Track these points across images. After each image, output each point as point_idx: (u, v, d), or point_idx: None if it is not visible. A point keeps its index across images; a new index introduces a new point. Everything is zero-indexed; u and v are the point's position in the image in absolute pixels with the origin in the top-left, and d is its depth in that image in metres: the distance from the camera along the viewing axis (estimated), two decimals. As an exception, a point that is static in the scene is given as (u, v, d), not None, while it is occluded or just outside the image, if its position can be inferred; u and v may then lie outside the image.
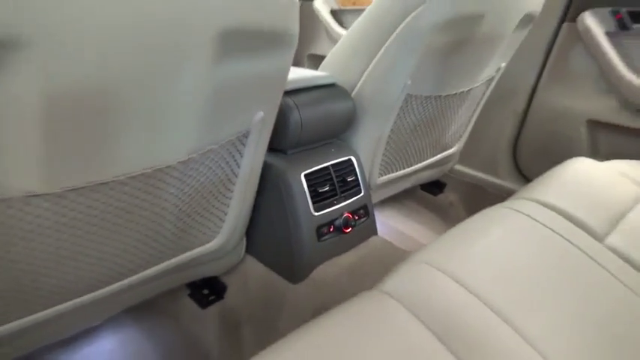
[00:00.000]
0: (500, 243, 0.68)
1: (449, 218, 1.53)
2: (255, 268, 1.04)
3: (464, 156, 1.54)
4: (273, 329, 0.95)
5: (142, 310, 1.04)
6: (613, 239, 0.79)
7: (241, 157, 0.78)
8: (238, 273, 1.06)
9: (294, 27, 0.66)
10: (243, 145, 0.77)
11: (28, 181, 0.57)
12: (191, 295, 1.07)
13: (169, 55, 0.54)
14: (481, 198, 1.51)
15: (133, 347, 0.98)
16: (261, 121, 0.75)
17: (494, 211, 0.79)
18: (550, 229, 0.75)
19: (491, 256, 0.64)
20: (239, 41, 0.60)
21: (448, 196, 1.61)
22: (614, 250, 0.76)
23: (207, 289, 1.07)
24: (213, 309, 1.04)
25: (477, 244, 0.67)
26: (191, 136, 0.66)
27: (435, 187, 1.63)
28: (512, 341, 0.51)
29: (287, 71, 0.72)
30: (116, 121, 0.56)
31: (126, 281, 0.79)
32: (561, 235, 0.74)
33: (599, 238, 0.78)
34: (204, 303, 1.05)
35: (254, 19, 0.60)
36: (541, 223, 0.76)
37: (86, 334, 0.99)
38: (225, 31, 0.58)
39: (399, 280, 0.56)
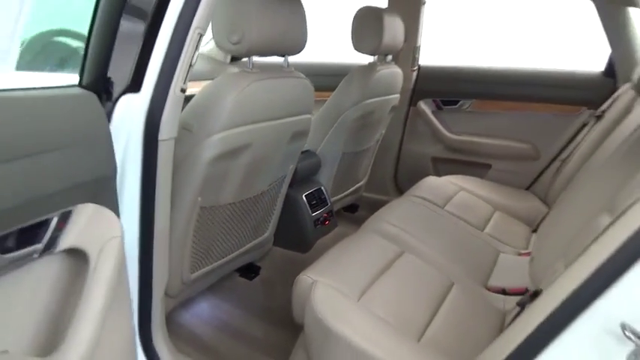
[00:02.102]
0: (358, 255, 1.39)
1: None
2: (276, 251, 1.88)
3: (370, 185, 2.53)
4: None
5: (216, 288, 1.78)
6: (448, 208, 1.82)
7: (282, 183, 1.66)
8: (266, 257, 1.89)
9: None
10: (284, 178, 1.66)
11: (228, 198, 1.40)
12: (241, 275, 1.86)
13: (281, 137, 1.43)
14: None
15: (220, 305, 1.74)
16: (291, 169, 1.66)
17: (360, 235, 1.56)
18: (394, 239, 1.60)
19: (357, 267, 1.30)
20: (299, 136, 1.52)
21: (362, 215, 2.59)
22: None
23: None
24: (257, 280, 1.85)
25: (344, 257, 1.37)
26: (272, 176, 1.54)
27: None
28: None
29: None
30: (257, 167, 1.43)
31: (235, 253, 1.60)
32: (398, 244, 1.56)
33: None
34: (251, 277, 1.85)
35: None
36: (387, 240, 1.51)
37: (193, 300, 1.72)
38: (294, 135, 1.48)
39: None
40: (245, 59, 1.32)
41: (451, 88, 2.45)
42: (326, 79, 2.12)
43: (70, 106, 0.71)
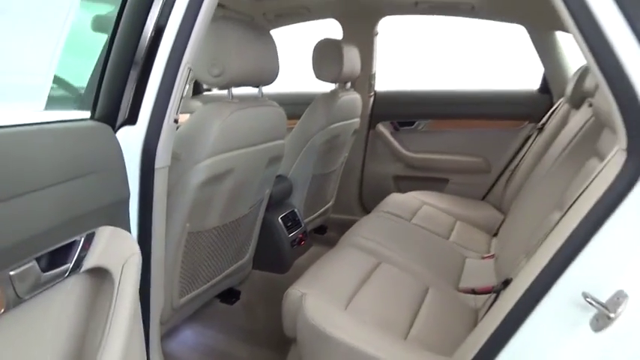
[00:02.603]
0: (340, 267, 1.49)
1: None
2: (254, 275, 1.94)
3: (337, 206, 2.64)
4: (279, 300, 1.84)
5: (199, 315, 1.81)
6: (414, 221, 1.96)
7: (260, 206, 1.74)
8: (246, 281, 1.94)
9: None
10: (261, 202, 1.74)
11: (213, 222, 1.46)
12: (222, 301, 1.90)
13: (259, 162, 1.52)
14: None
15: (204, 332, 1.77)
16: (267, 193, 1.74)
17: (339, 249, 1.66)
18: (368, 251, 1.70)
19: (340, 278, 1.40)
20: (275, 161, 1.62)
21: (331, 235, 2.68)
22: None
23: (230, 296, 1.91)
24: (238, 304, 1.89)
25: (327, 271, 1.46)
26: (252, 199, 1.62)
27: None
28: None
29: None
30: (239, 191, 1.51)
31: (218, 277, 1.65)
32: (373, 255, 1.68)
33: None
34: (232, 302, 1.89)
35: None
36: (365, 252, 1.63)
37: (178, 328, 1.74)
38: (270, 160, 1.58)
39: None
40: (212, 92, 1.41)
41: (406, 111, 2.64)
42: (291, 107, 2.24)
43: (88, 137, 0.77)
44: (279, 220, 1.92)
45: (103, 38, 1.01)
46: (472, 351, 0.92)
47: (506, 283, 1.09)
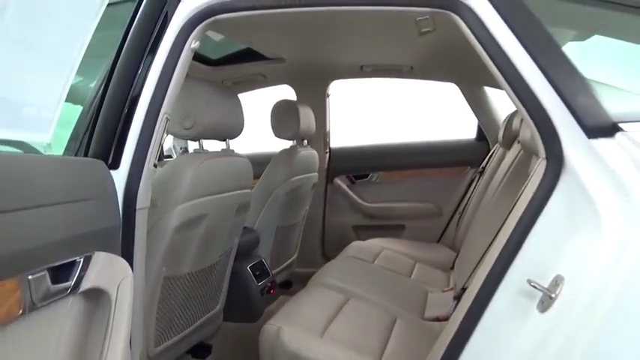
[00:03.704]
0: (311, 304, 1.60)
1: None
2: (226, 326, 1.95)
3: (301, 260, 2.70)
4: (252, 351, 1.85)
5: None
6: (377, 263, 2.07)
7: (230, 254, 1.80)
8: (217, 334, 1.94)
9: None
10: (230, 250, 1.80)
11: (187, 267, 1.51)
12: (193, 355, 1.88)
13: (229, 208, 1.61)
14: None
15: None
16: (236, 242, 1.81)
17: (309, 289, 1.75)
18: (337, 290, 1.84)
19: (313, 313, 1.51)
20: (243, 208, 1.71)
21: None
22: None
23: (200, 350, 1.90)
24: (210, 358, 1.88)
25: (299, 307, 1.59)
26: (222, 247, 1.68)
27: None
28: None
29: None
30: (210, 237, 1.58)
31: (192, 326, 1.66)
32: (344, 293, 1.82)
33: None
34: (204, 356, 1.88)
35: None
36: (334, 290, 1.77)
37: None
38: (239, 207, 1.67)
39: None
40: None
41: (360, 165, 2.83)
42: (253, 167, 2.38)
43: (86, 169, 0.86)
44: (248, 269, 1.97)
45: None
46: (438, 354, 1.01)
47: (464, 289, 1.21)
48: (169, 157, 3.21)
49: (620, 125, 0.87)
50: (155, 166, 1.19)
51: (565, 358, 0.84)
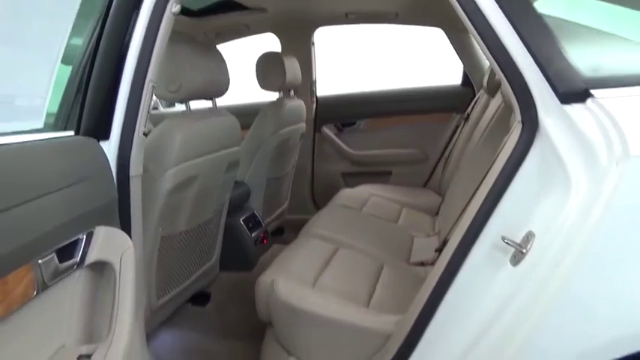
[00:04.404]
0: (303, 255, 1.67)
1: None
2: (222, 275, 2.05)
3: (292, 207, 2.79)
4: (249, 297, 1.96)
5: (174, 320, 1.89)
6: (365, 210, 2.15)
7: (222, 210, 1.87)
8: (214, 283, 2.04)
9: None
10: (223, 206, 1.86)
11: (182, 225, 1.57)
12: (194, 304, 1.99)
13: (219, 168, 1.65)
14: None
15: (181, 333, 1.86)
16: (227, 197, 1.87)
17: (300, 240, 1.85)
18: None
19: (304, 264, 1.61)
20: (233, 166, 1.75)
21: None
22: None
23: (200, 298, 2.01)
24: (210, 305, 2.00)
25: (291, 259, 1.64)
26: (215, 204, 1.74)
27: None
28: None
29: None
30: (203, 196, 1.63)
31: (190, 279, 1.75)
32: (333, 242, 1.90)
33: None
34: (204, 304, 1.99)
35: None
36: (324, 241, 1.86)
37: (155, 334, 1.82)
38: (229, 165, 1.71)
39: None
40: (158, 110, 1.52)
41: (347, 113, 2.85)
42: (241, 118, 2.38)
43: (77, 150, 0.89)
44: (241, 222, 2.05)
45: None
46: (418, 306, 1.10)
47: (445, 242, 1.29)
48: (155, 108, 3.20)
49: (591, 91, 0.91)
50: (145, 134, 1.22)
51: (532, 306, 0.92)
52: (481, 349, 1.00)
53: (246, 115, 2.40)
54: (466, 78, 2.63)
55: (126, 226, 1.18)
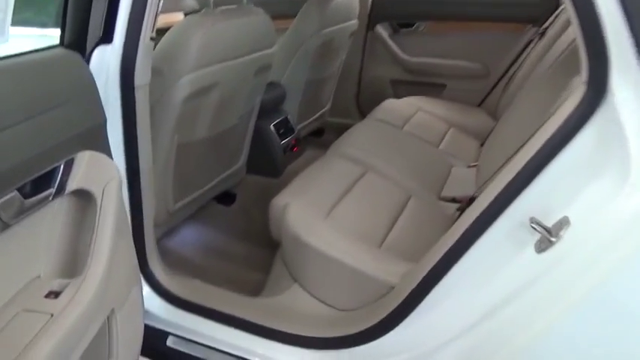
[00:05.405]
0: (325, 178, 1.55)
1: None
2: (250, 179, 2.02)
3: (334, 110, 2.64)
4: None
5: (198, 217, 1.92)
6: (406, 128, 1.98)
7: (251, 114, 1.76)
8: (240, 184, 2.02)
9: None
10: (252, 110, 1.75)
11: (202, 133, 1.50)
12: (219, 202, 2.00)
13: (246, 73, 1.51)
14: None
15: (203, 230, 1.89)
16: (257, 101, 1.75)
17: (326, 159, 1.70)
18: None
19: (324, 188, 1.47)
20: (263, 70, 1.60)
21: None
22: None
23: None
24: (234, 205, 2.00)
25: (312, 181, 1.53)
26: (241, 109, 1.63)
27: None
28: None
29: None
30: (226, 103, 1.51)
31: (212, 182, 1.72)
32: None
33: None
34: (228, 204, 1.99)
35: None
36: (351, 162, 1.67)
37: (178, 228, 1.87)
38: (258, 70, 1.56)
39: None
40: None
41: (406, 11, 2.53)
42: (281, 5, 2.16)
43: (58, 67, 0.79)
44: (272, 127, 1.95)
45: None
46: (430, 263, 1.00)
47: (472, 200, 1.16)
48: None
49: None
50: (153, 39, 1.09)
51: (555, 301, 0.81)
52: (482, 331, 0.92)
53: (288, 2, 2.18)
54: (554, -18, 2.20)
55: (132, 138, 1.12)
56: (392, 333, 1.06)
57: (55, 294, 0.74)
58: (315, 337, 1.16)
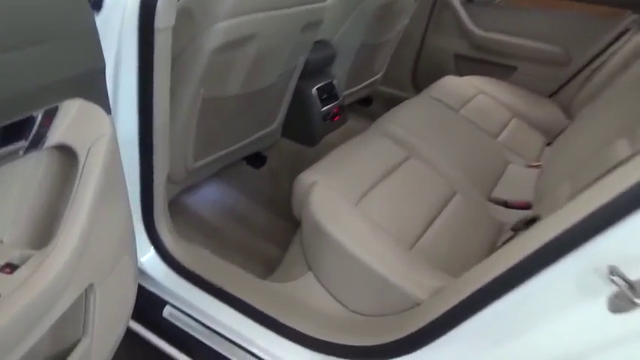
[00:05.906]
0: (363, 156, 1.36)
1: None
2: (284, 143, 1.87)
3: (387, 79, 2.42)
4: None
5: (223, 175, 1.80)
6: (463, 111, 1.75)
7: (292, 74, 1.58)
8: (273, 147, 1.87)
9: None
10: (294, 70, 1.57)
11: (233, 89, 1.34)
12: (248, 163, 1.87)
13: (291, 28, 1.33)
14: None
15: (226, 190, 1.77)
16: (302, 60, 1.57)
17: (367, 136, 1.48)
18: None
19: (359, 169, 1.28)
20: (312, 27, 1.41)
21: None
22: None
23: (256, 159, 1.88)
24: (264, 169, 1.86)
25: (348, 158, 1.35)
26: (281, 67, 1.46)
27: None
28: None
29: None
30: (265, 58, 1.34)
31: (240, 143, 1.58)
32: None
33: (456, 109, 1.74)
34: (258, 166, 1.86)
35: None
36: (396, 143, 1.45)
37: (200, 184, 1.76)
38: (306, 25, 1.38)
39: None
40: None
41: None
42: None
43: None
44: (314, 91, 1.77)
45: None
46: (473, 284, 0.83)
47: (531, 222, 0.96)
48: None
49: None
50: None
51: None
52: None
53: None
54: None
55: (148, 87, 0.98)
56: (410, 355, 0.91)
57: (11, 268, 0.62)
58: (323, 340, 1.03)
